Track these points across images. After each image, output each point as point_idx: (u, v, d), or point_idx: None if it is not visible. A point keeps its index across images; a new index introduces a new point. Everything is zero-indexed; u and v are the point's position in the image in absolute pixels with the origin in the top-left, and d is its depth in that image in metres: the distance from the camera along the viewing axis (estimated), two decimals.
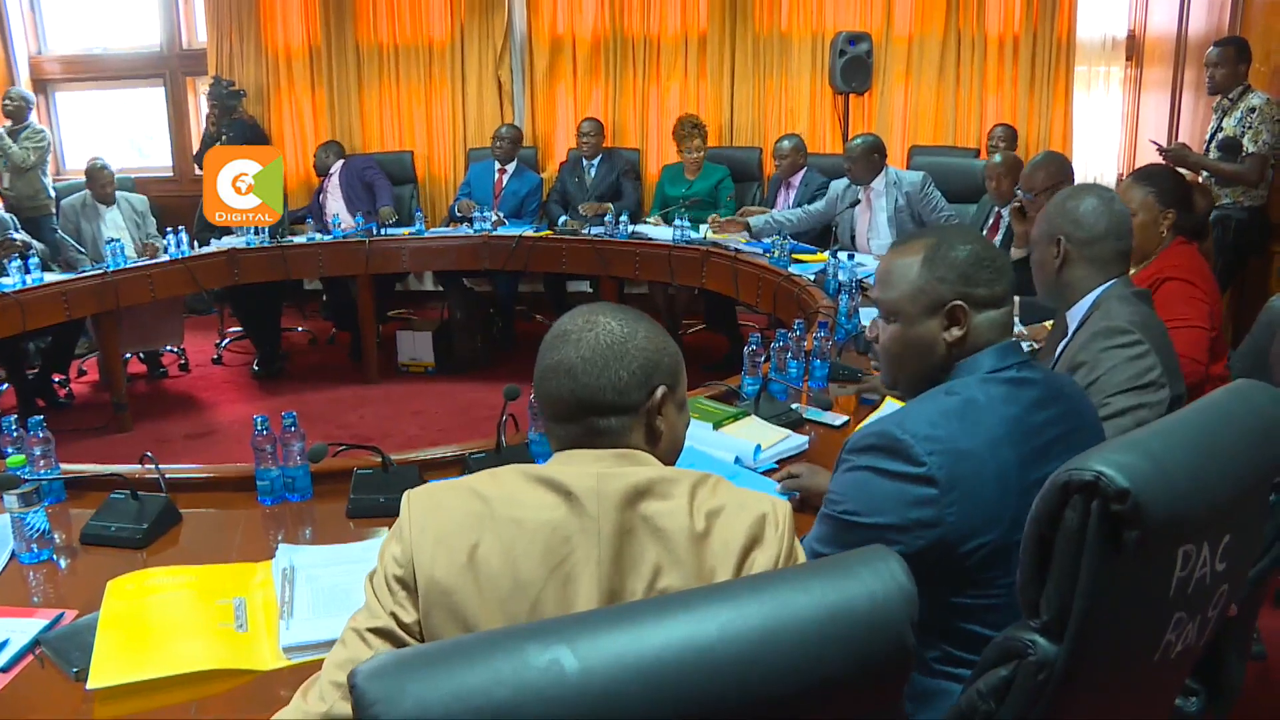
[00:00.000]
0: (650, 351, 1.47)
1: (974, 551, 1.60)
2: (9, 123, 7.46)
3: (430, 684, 0.99)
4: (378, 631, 1.41)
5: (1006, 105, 7.29)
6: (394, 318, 7.52)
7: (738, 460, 2.63)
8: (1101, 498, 1.27)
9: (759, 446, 2.65)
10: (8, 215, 6.14)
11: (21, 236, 5.91)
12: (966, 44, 7.26)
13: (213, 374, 7.05)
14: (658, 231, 6.17)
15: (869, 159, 5.64)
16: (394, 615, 1.41)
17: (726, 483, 1.47)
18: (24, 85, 8.46)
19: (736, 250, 5.57)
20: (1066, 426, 1.78)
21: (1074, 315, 2.50)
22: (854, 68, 6.96)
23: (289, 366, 7.00)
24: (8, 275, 5.39)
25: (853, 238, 5.74)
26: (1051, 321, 3.61)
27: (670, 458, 1.54)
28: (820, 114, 7.56)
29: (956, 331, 1.80)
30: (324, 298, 7.29)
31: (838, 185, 5.87)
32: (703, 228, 6.05)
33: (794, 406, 3.03)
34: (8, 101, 7.47)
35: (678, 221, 5.93)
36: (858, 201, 5.66)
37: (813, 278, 4.83)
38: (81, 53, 9.06)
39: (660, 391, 1.48)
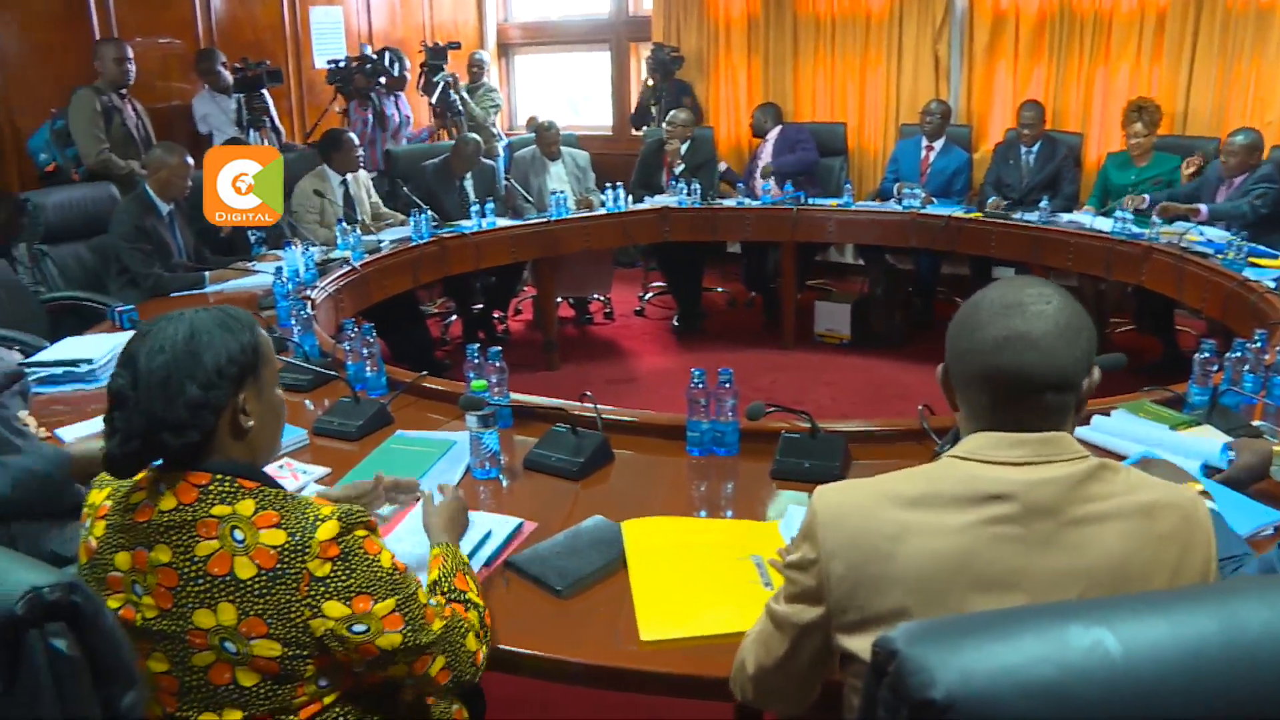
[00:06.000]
0: (1091, 330, 1.40)
1: None
2: (467, 80, 8.23)
3: (974, 656, 0.97)
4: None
5: None
6: (812, 287, 7.56)
7: (1203, 466, 2.43)
8: None
9: (1226, 447, 2.44)
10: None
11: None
12: None
13: (634, 325, 7.41)
14: (1095, 222, 5.81)
15: None
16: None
17: (1137, 471, 1.42)
18: (491, 49, 9.33)
19: (1184, 247, 5.13)
20: None
21: None
22: None
23: (706, 325, 7.21)
24: (469, 219, 5.93)
25: None
26: None
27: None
28: None
29: None
30: (745, 261, 7.44)
31: None
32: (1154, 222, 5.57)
33: (1255, 424, 2.74)
34: (473, 66, 8.40)
35: (1119, 213, 5.56)
36: None
37: (1272, 284, 4.37)
38: (539, 20, 9.80)
39: (1096, 371, 1.42)
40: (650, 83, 8.37)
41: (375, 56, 7.63)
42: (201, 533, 1.52)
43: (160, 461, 1.59)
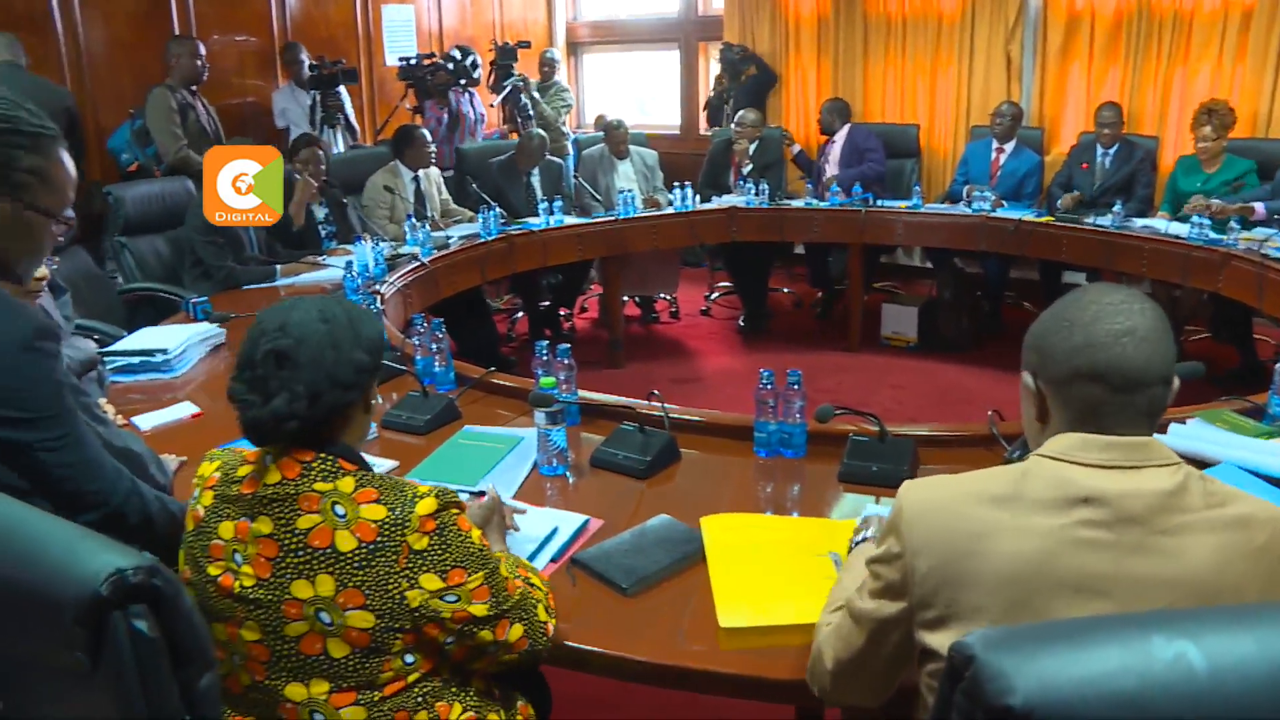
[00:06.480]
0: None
1: None
2: (538, 79, 8.30)
3: (1055, 664, 0.96)
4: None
5: None
6: (878, 289, 7.51)
7: None
8: None
9: None
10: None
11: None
12: None
13: (700, 324, 7.41)
14: (1170, 227, 5.69)
15: None
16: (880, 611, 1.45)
17: (1228, 484, 1.39)
18: (560, 47, 9.39)
19: (1264, 254, 5.01)
20: None
21: None
22: None
23: (772, 325, 7.19)
24: (537, 216, 5.97)
25: None
26: None
27: None
28: None
29: None
30: (810, 262, 7.42)
31: None
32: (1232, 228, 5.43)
33: None
34: (544, 65, 8.46)
35: (1196, 219, 5.43)
36: None
37: None
38: (608, 18, 9.85)
39: (1176, 379, 1.40)
40: (724, 80, 8.38)
41: (459, 55, 7.70)
42: (303, 506, 1.60)
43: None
